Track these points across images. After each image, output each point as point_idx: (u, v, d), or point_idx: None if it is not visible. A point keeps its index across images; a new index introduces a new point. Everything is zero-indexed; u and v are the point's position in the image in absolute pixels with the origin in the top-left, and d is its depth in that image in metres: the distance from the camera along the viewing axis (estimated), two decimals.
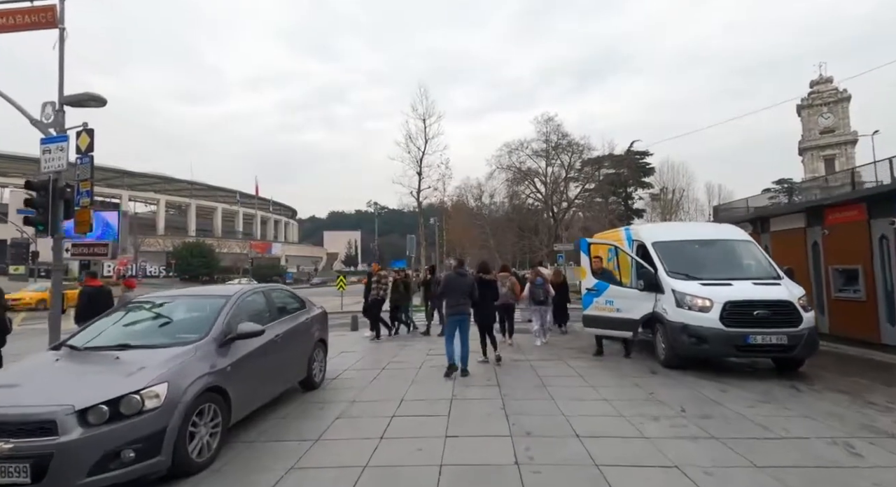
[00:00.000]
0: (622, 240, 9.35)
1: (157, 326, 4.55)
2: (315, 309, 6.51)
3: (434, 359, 7.90)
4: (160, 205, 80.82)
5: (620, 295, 7.85)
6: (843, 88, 65.18)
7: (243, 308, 4.81)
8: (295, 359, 5.60)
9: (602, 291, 8.14)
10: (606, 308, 8.04)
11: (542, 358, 8.00)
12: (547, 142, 34.93)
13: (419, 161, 22.62)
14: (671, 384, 6.09)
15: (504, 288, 9.19)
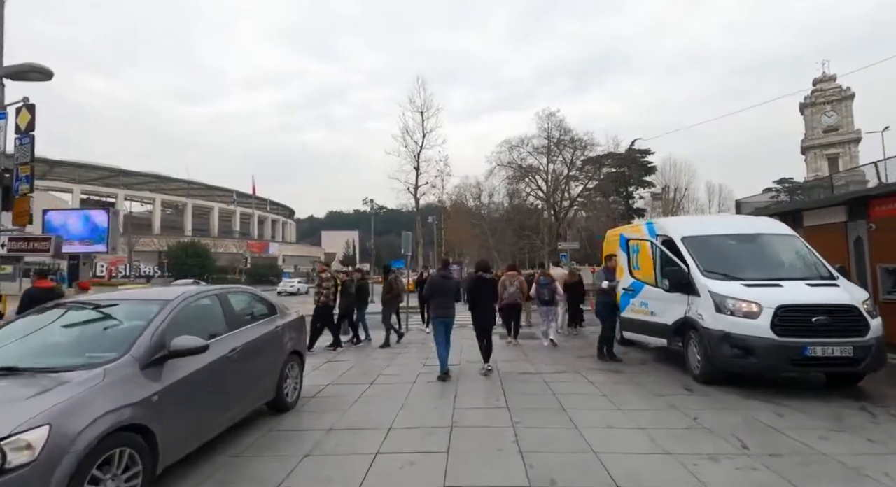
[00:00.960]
0: (642, 236, 8.35)
1: (64, 341, 3.51)
2: (288, 315, 5.48)
3: (431, 372, 6.87)
4: (156, 205, 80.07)
5: (654, 297, 6.85)
6: (847, 86, 64.33)
7: (186, 316, 3.77)
8: (259, 378, 4.57)
9: (638, 291, 7.14)
10: (641, 310, 7.07)
11: (555, 369, 6.97)
12: (549, 138, 33.91)
13: (416, 156, 21.53)
14: (714, 405, 5.07)
15: (512, 287, 9.02)
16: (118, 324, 3.59)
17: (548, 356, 8.11)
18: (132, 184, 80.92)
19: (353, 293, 9.64)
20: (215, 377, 3.78)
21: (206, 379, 3.66)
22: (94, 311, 3.76)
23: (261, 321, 4.88)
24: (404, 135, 21.54)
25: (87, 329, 3.60)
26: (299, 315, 5.79)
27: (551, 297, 9.35)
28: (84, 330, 3.59)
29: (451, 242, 47.45)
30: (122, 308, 3.76)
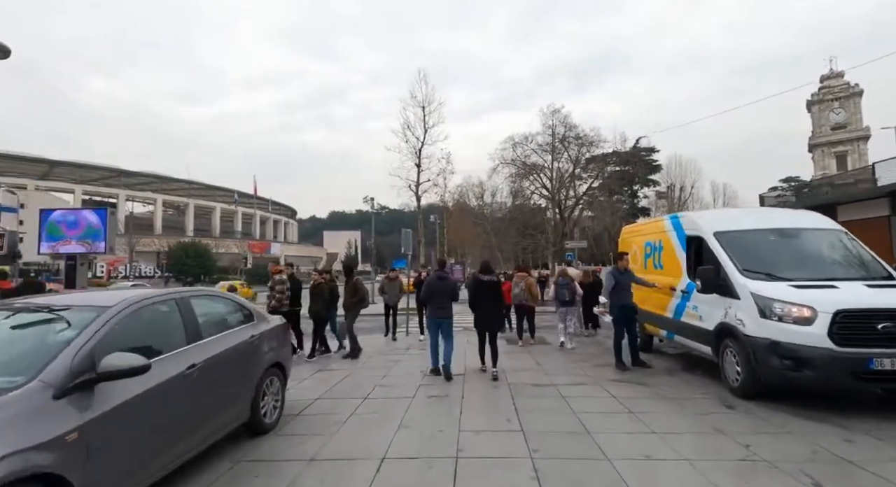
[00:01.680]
0: (664, 232, 7.60)
1: None
2: (268, 322, 4.75)
3: (432, 384, 6.15)
4: (157, 205, 79.84)
5: (702, 300, 6.09)
6: (855, 83, 63.39)
7: (129, 328, 3.05)
8: (229, 397, 3.85)
9: (690, 294, 6.39)
10: (693, 314, 6.31)
11: (571, 381, 6.21)
12: (553, 135, 33.14)
13: (418, 152, 20.72)
14: (766, 428, 4.31)
15: (517, 288, 9.14)
16: (40, 337, 2.87)
17: (562, 364, 7.36)
18: (133, 184, 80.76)
19: (327, 297, 8.59)
20: (166, 401, 3.06)
21: (154, 405, 2.94)
22: (12, 319, 3.03)
23: (233, 329, 4.15)
24: (405, 131, 20.78)
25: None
26: (282, 321, 5.07)
27: (571, 298, 9.11)
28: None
29: (453, 242, 46.77)
30: (50, 316, 3.02)
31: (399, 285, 10.48)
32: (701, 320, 6.07)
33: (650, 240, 8.25)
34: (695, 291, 6.20)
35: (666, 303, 7.29)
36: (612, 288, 7.04)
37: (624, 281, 7.08)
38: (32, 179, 69.52)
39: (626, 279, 7.14)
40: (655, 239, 8.01)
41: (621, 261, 7.23)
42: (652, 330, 7.88)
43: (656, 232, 8.05)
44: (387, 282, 10.41)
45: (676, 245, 7.13)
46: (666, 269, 7.52)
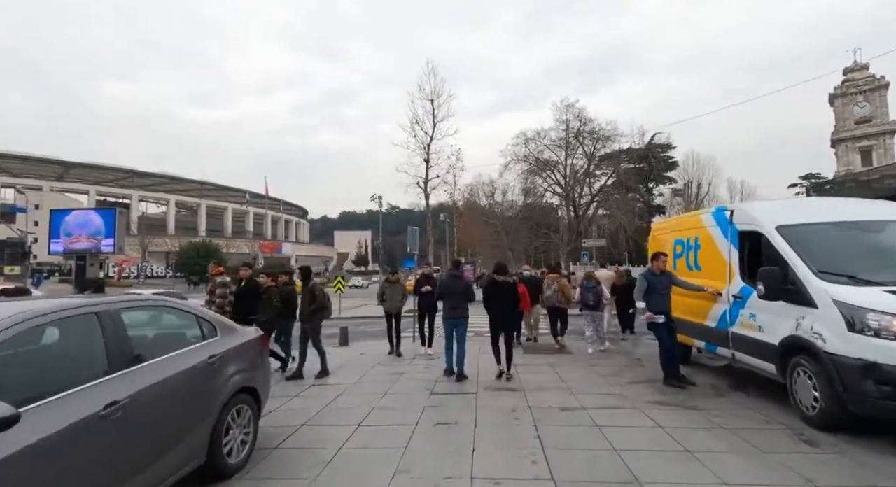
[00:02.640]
0: (704, 227, 6.60)
1: None
2: (236, 337, 3.87)
3: (440, 406, 5.23)
4: (170, 205, 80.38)
5: (763, 307, 5.07)
6: (881, 75, 61.09)
7: (13, 356, 2.18)
8: (172, 438, 2.97)
9: (746, 299, 5.38)
10: (749, 324, 5.30)
11: (604, 402, 5.24)
12: (567, 130, 31.97)
13: (426, 147, 19.84)
14: (873, 477, 3.31)
15: (549, 290, 9.09)
16: None
17: (589, 379, 6.38)
18: (146, 185, 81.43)
19: (279, 304, 7.30)
20: (65, 457, 2.19)
21: (42, 465, 2.07)
22: None
23: (184, 349, 3.28)
24: (413, 125, 19.90)
25: None
26: (256, 334, 4.19)
27: (597, 302, 8.60)
28: None
29: (463, 241, 45.85)
30: None
31: (402, 289, 9.01)
32: (761, 331, 5.06)
33: (683, 237, 7.24)
34: (752, 297, 5.20)
35: (706, 310, 6.29)
36: (647, 292, 6.08)
37: (660, 284, 6.10)
38: (48, 181, 70.33)
39: (664, 282, 6.16)
40: (690, 236, 7.00)
41: (657, 262, 6.23)
42: (684, 340, 6.91)
43: (691, 228, 7.03)
44: (387, 287, 8.87)
45: (721, 242, 6.12)
46: (705, 271, 6.52)
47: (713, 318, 6.19)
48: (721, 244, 6.14)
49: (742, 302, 5.41)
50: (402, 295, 8.92)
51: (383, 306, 8.86)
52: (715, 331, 6.14)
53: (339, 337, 10.24)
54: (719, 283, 6.05)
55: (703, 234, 6.65)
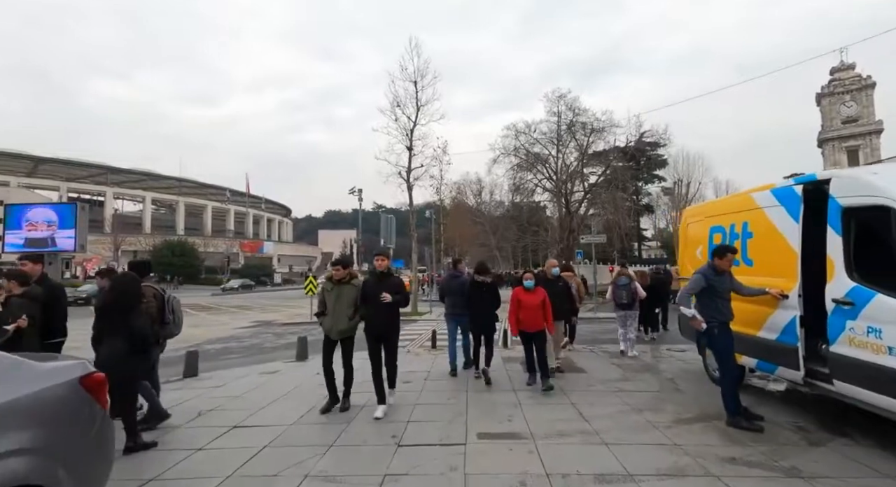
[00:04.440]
0: (759, 209, 5.04)
1: None
2: (33, 382, 2.09)
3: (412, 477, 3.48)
4: (146, 203, 77.77)
5: (891, 319, 3.44)
6: (867, 75, 61.20)
7: None
8: None
9: (862, 306, 3.70)
10: (867, 343, 3.63)
11: (657, 461, 3.58)
12: (559, 123, 30.43)
13: (409, 133, 17.93)
14: None
15: None
16: None
17: (623, 417, 4.71)
18: (122, 182, 78.79)
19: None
20: None
21: None
22: None
23: None
24: (394, 109, 17.91)
25: None
26: (70, 379, 2.37)
27: (630, 301, 8.23)
28: None
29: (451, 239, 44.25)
30: None
31: (354, 295, 5.16)
32: (892, 354, 3.43)
33: (724, 223, 5.66)
34: (873, 303, 3.57)
35: (762, 318, 4.78)
36: (701, 296, 4.49)
37: (722, 286, 4.51)
38: (17, 176, 67.18)
39: (725, 284, 4.56)
40: (735, 221, 5.43)
41: (722, 260, 4.57)
42: None
43: (738, 211, 5.45)
44: (328, 290, 5.21)
45: (787, 227, 4.60)
46: (760, 266, 5.00)
47: (774, 329, 4.66)
48: (788, 229, 4.59)
49: (852, 311, 3.78)
50: (352, 307, 5.11)
51: (321, 324, 5.24)
52: (777, 347, 4.62)
53: (297, 349, 8.45)
54: (784, 282, 4.53)
55: (756, 218, 5.08)
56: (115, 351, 3.87)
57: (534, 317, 5.76)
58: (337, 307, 5.06)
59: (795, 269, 4.44)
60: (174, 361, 7.73)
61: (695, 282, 4.53)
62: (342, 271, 5.12)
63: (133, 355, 3.95)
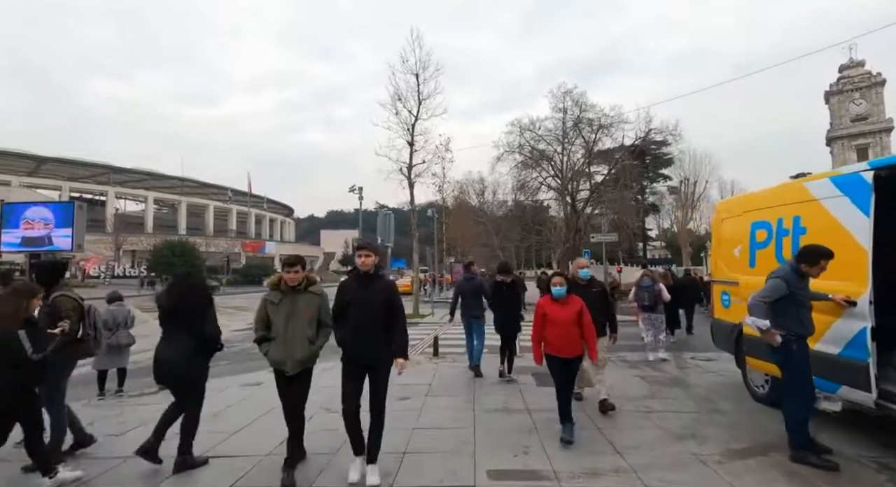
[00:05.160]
0: (816, 200, 4.31)
1: None
2: None
3: None
4: (148, 203, 77.66)
5: None
6: (877, 72, 60.40)
7: None
8: None
9: None
10: None
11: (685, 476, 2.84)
12: (564, 120, 29.61)
13: (411, 127, 17.16)
14: None
15: None
16: None
17: (663, 447, 3.94)
18: (124, 181, 78.70)
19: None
20: None
21: None
22: None
23: None
24: (395, 103, 17.15)
25: None
26: None
27: (653, 303, 8.01)
28: None
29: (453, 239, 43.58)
30: None
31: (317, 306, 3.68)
32: None
33: (769, 218, 4.90)
34: None
35: (822, 328, 3.99)
36: (776, 304, 3.67)
37: (803, 292, 3.74)
38: (18, 176, 67.03)
39: (808, 291, 3.81)
40: (784, 215, 4.68)
41: (813, 267, 3.70)
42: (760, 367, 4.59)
43: (788, 203, 4.70)
44: (273, 303, 3.63)
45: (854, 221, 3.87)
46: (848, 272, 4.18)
47: (837, 341, 3.95)
48: (855, 224, 3.88)
49: None
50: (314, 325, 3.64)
51: (266, 355, 3.65)
52: (840, 362, 3.91)
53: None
54: (850, 286, 3.83)
55: (811, 212, 4.35)
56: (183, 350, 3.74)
57: (568, 337, 4.14)
58: (291, 326, 3.51)
59: (865, 272, 3.71)
60: None
61: (773, 288, 3.69)
62: (297, 274, 3.57)
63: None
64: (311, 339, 3.56)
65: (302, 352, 3.52)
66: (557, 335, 4.16)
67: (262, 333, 3.61)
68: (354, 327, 3.41)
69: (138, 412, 5.45)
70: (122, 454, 4.01)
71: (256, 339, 3.69)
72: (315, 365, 3.70)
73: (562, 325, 4.16)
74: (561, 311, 4.21)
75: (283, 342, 3.52)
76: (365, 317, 3.40)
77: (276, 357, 3.53)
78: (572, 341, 4.17)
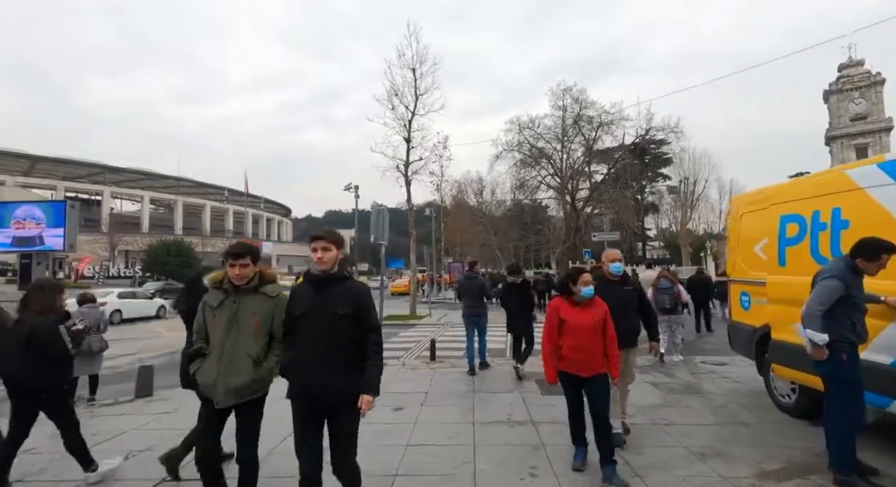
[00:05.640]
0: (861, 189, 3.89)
1: None
2: None
3: None
4: (144, 202, 77.34)
5: None
6: (877, 71, 60.38)
7: None
8: None
9: None
10: None
11: None
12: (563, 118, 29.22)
13: (407, 124, 16.68)
14: None
15: None
16: None
17: (686, 461, 3.53)
18: (120, 181, 78.44)
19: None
20: None
21: None
22: None
23: None
24: (391, 98, 16.72)
25: None
26: None
27: (674, 305, 7.91)
28: None
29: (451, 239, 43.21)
30: None
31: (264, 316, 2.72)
32: None
33: (803, 211, 4.41)
34: None
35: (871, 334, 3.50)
36: (839, 306, 3.20)
37: (859, 294, 3.27)
38: (13, 175, 66.53)
39: (862, 291, 3.32)
40: (822, 207, 4.17)
41: (871, 263, 3.21)
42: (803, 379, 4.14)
43: (826, 193, 4.17)
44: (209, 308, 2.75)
45: None
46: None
47: (889, 349, 3.48)
48: None
49: None
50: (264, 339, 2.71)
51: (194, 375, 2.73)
52: (893, 373, 3.42)
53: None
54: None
55: (856, 202, 3.88)
56: None
57: (590, 350, 3.36)
58: (231, 340, 2.61)
59: None
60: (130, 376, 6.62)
61: (831, 291, 3.18)
62: (245, 268, 2.68)
63: None
64: (258, 358, 2.61)
65: (240, 377, 2.54)
66: (576, 346, 3.36)
67: (200, 345, 2.70)
68: (304, 351, 2.47)
69: (111, 422, 5.01)
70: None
71: (192, 352, 2.73)
72: (267, 393, 2.73)
73: (583, 334, 3.36)
74: (582, 316, 3.40)
75: (216, 360, 2.60)
76: (319, 337, 2.44)
77: (206, 379, 2.60)
78: (595, 354, 3.36)
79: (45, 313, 3.41)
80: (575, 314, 3.43)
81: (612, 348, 3.43)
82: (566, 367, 3.42)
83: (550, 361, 3.46)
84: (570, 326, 3.39)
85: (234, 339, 2.60)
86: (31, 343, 3.25)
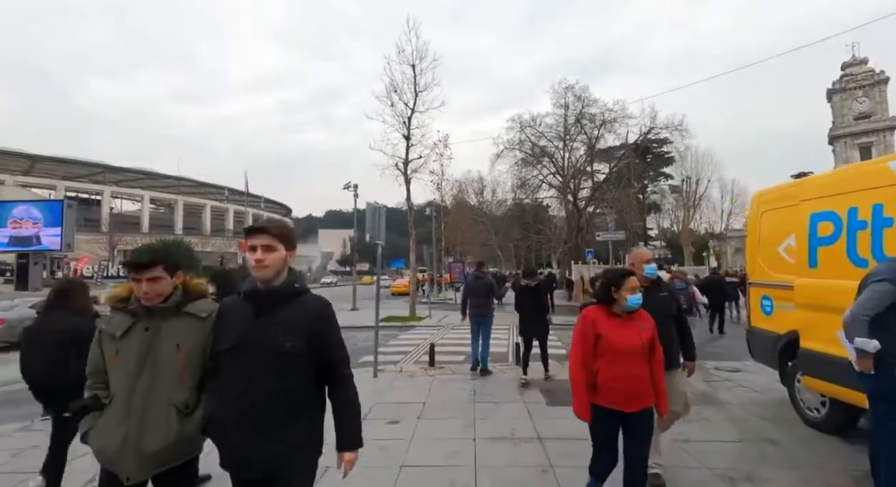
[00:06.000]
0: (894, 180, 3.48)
1: None
2: None
3: None
4: (144, 202, 77.33)
5: None
6: (881, 70, 60.07)
7: None
8: None
9: None
10: None
11: None
12: (565, 116, 28.86)
13: (407, 121, 16.36)
14: None
15: None
16: None
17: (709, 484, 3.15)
18: (120, 180, 78.43)
19: None
20: None
21: None
22: None
23: None
24: (390, 94, 16.36)
25: None
26: None
27: (689, 307, 7.34)
28: None
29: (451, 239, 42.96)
30: None
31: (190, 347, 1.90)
32: None
33: (839, 207, 3.99)
34: None
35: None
36: (889, 313, 2.77)
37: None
38: (13, 175, 66.45)
39: None
40: (860, 203, 3.75)
41: None
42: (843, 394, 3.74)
43: (866, 188, 3.76)
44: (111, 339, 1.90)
45: None
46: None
47: None
48: None
49: None
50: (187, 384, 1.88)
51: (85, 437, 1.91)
52: None
53: None
54: None
55: None
56: None
57: (636, 379, 2.64)
58: (143, 381, 1.82)
59: None
60: None
61: (882, 296, 2.76)
62: (156, 283, 1.89)
63: None
64: (185, 407, 1.83)
65: (159, 438, 1.77)
66: (619, 373, 2.59)
67: (97, 390, 1.92)
68: (226, 405, 1.73)
69: None
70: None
71: (80, 405, 1.90)
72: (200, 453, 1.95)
73: (628, 357, 2.61)
74: (626, 333, 2.65)
75: (122, 415, 1.78)
76: (250, 384, 1.69)
77: (105, 444, 1.79)
78: (643, 383, 2.62)
79: (81, 313, 3.28)
80: (616, 329, 2.65)
81: (659, 373, 2.71)
82: (604, 400, 2.61)
83: (584, 394, 2.62)
84: (610, 345, 2.63)
85: (148, 383, 1.80)
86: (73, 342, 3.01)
